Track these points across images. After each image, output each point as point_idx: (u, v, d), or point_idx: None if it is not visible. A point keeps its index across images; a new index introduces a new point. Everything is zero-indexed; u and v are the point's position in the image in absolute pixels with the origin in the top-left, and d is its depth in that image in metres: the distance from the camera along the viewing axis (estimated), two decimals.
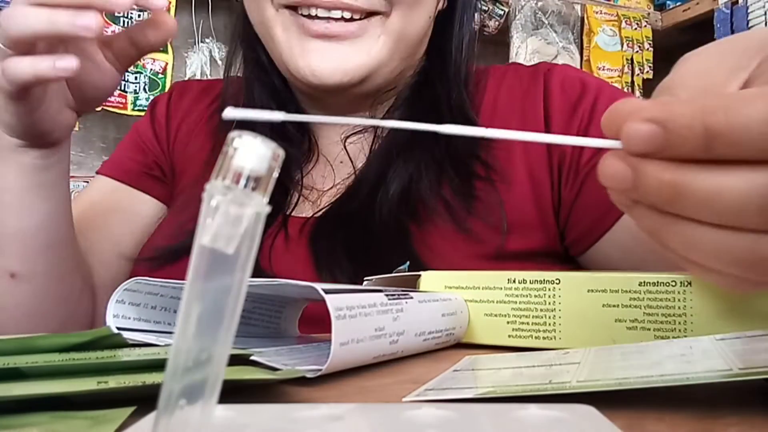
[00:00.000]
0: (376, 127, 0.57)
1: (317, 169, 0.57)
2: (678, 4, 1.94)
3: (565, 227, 0.52)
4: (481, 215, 0.50)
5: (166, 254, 0.53)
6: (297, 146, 0.57)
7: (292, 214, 0.53)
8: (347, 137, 0.57)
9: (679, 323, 0.30)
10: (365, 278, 0.40)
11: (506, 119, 0.55)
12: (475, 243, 0.49)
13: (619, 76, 1.97)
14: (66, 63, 0.39)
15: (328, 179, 0.56)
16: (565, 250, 0.53)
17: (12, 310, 0.51)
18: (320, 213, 0.52)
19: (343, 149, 0.56)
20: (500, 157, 0.53)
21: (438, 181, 0.51)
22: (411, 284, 0.38)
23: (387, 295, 0.29)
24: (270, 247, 0.51)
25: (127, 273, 0.58)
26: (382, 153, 0.54)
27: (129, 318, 0.32)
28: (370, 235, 0.49)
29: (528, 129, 0.53)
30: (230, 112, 0.17)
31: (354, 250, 0.48)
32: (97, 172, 0.64)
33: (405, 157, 0.53)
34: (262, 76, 0.58)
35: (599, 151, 0.50)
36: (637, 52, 1.98)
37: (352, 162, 0.56)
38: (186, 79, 1.80)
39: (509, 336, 0.34)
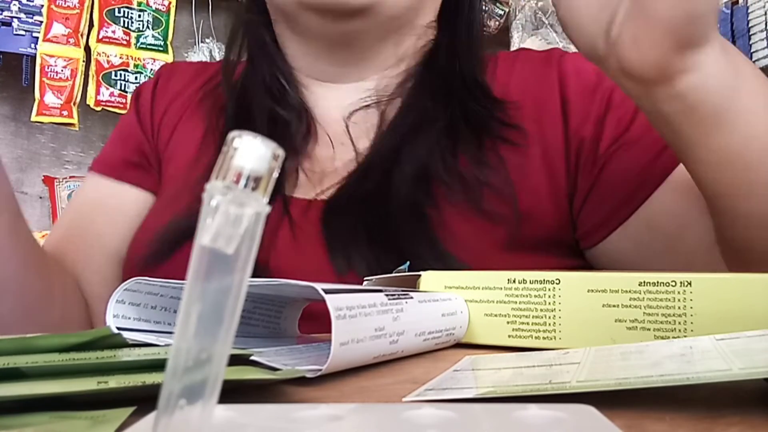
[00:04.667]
0: (382, 109, 0.55)
1: (319, 148, 0.55)
2: None
3: (578, 217, 0.51)
4: (494, 186, 0.49)
5: (157, 251, 0.50)
6: (297, 120, 0.56)
7: (294, 195, 0.51)
8: (351, 114, 0.55)
9: (679, 323, 0.30)
10: (365, 278, 0.40)
11: (519, 104, 0.54)
12: (491, 222, 0.48)
13: None
14: None
15: (330, 160, 0.54)
16: (576, 242, 0.53)
17: None
18: (329, 194, 0.50)
19: (345, 130, 0.55)
20: (513, 140, 0.52)
21: (453, 153, 0.51)
22: (411, 284, 0.38)
23: (387, 295, 0.29)
24: (274, 238, 0.48)
25: (117, 275, 0.56)
26: (394, 131, 0.53)
27: (129, 318, 0.32)
28: (388, 217, 0.48)
29: (543, 114, 0.53)
30: None
31: (373, 233, 0.47)
32: (88, 170, 0.63)
33: (419, 133, 0.51)
34: (265, 57, 0.58)
35: (618, 140, 0.50)
36: None
37: (353, 143, 0.54)
38: None
39: (509, 336, 0.34)
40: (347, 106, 0.56)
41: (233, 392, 0.22)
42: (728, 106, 0.35)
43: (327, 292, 0.25)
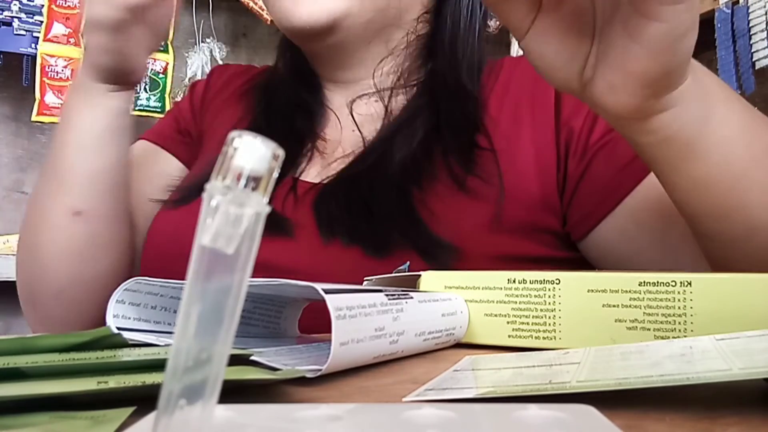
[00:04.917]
0: (387, 102, 0.59)
1: (330, 133, 0.61)
2: None
3: (568, 208, 0.53)
4: (481, 178, 0.52)
5: (184, 196, 0.59)
6: (314, 109, 0.62)
7: (301, 177, 0.56)
8: (353, 101, 0.61)
9: (679, 323, 0.30)
10: (365, 278, 0.40)
11: (516, 102, 0.57)
12: (474, 206, 0.50)
13: None
14: None
15: (339, 146, 0.59)
16: (567, 235, 0.54)
17: (64, 246, 0.55)
18: (328, 180, 0.55)
19: (352, 121, 0.59)
20: (506, 133, 0.55)
21: (443, 152, 0.54)
22: (411, 284, 0.38)
23: (387, 295, 0.29)
24: (282, 205, 0.54)
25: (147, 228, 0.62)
26: (390, 126, 0.57)
27: (129, 318, 0.32)
28: (371, 194, 0.51)
29: (537, 112, 0.55)
30: None
31: (353, 206, 0.51)
32: (137, 139, 0.71)
33: (411, 128, 0.55)
34: (291, 64, 0.66)
35: (607, 134, 0.51)
36: None
37: (359, 130, 0.58)
38: (186, 78, 1.80)
39: (509, 336, 0.34)
40: (352, 100, 0.62)
41: (233, 392, 0.22)
42: (700, 137, 0.36)
43: (327, 292, 0.25)
